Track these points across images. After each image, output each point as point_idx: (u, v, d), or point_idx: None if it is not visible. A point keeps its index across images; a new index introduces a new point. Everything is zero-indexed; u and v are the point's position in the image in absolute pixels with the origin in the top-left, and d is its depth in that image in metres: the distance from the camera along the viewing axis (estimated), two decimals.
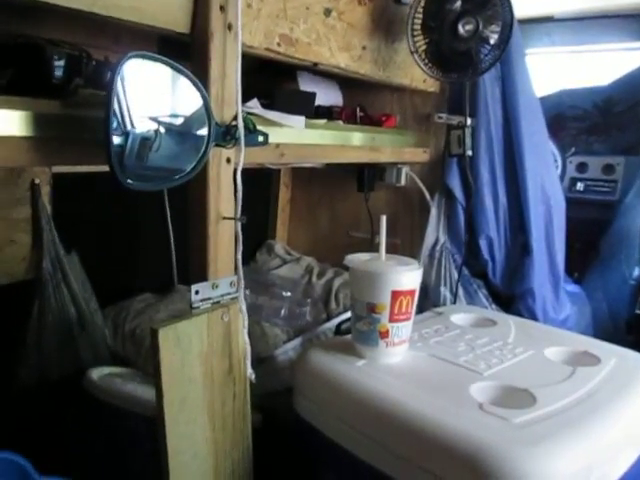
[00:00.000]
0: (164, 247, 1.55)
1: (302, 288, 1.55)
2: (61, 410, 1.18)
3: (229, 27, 0.84)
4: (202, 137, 0.78)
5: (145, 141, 0.71)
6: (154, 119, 0.72)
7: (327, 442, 0.93)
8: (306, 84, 1.40)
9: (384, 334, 0.93)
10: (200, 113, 0.78)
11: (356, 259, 0.96)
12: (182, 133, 0.77)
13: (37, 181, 1.31)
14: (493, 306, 1.54)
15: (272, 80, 1.32)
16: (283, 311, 1.38)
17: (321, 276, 1.64)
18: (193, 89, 0.76)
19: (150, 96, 0.72)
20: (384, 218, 0.96)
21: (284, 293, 1.44)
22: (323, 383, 0.96)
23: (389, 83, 1.35)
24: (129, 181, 0.67)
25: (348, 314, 1.38)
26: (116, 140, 0.66)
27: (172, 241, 1.55)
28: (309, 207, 1.89)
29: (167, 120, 0.74)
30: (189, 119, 0.77)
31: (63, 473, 1.01)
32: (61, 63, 0.80)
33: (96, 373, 1.19)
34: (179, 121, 0.76)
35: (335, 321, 1.33)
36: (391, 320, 0.92)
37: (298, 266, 1.70)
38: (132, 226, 1.54)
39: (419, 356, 0.98)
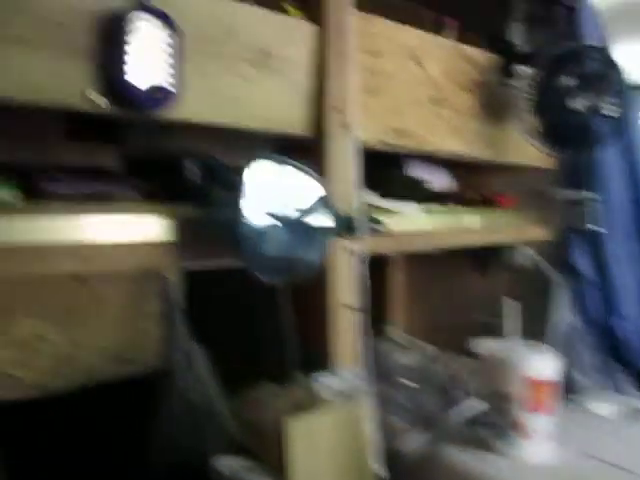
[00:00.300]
0: (282, 337, 1.59)
1: (423, 376, 1.49)
2: None
3: (346, 126, 0.89)
4: (325, 229, 0.81)
5: (273, 235, 0.75)
6: (280, 214, 0.76)
7: None
8: (415, 170, 1.42)
9: (519, 427, 0.87)
10: (322, 207, 0.81)
11: (483, 345, 0.92)
12: (305, 226, 0.81)
13: (168, 276, 1.41)
14: (636, 392, 1.38)
15: (381, 168, 1.36)
16: (406, 401, 1.32)
17: (442, 363, 1.57)
18: (314, 185, 0.81)
19: (276, 193, 0.77)
20: (509, 301, 0.92)
21: (405, 382, 1.39)
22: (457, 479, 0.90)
23: (501, 163, 1.34)
24: (261, 274, 0.71)
25: (477, 404, 1.31)
26: (248, 236, 0.71)
27: (289, 330, 1.59)
28: (425, 291, 1.86)
29: (292, 215, 0.78)
30: (311, 213, 0.81)
31: None
32: (196, 171, 0.89)
33: (222, 463, 1.20)
34: (302, 215, 0.80)
35: (463, 411, 1.25)
36: (526, 412, 0.86)
37: (417, 353, 1.64)
38: (251, 316, 1.60)
39: (562, 453, 0.89)
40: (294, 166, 0.77)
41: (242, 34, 0.81)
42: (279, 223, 0.75)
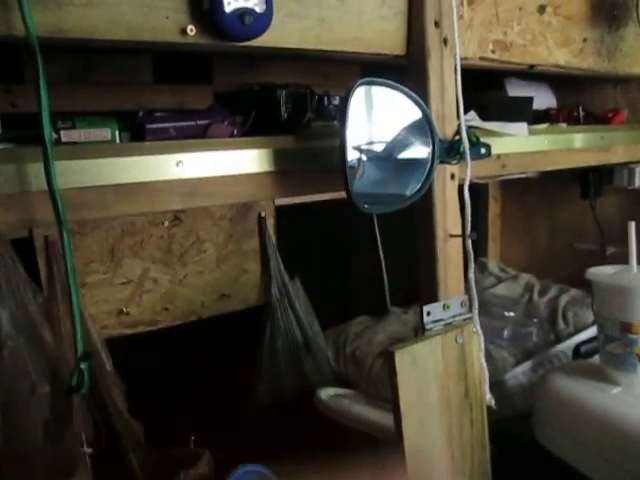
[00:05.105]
0: (375, 270, 1.59)
1: (523, 307, 1.44)
2: (296, 426, 1.25)
3: (445, 42, 0.82)
4: (427, 155, 0.76)
5: (375, 163, 0.72)
6: (382, 141, 0.73)
7: (574, 474, 0.85)
8: (515, 89, 1.32)
9: None
10: (423, 131, 0.77)
11: (601, 272, 0.85)
12: (406, 153, 0.77)
13: (263, 214, 1.43)
14: None
15: (478, 91, 1.28)
16: (506, 332, 1.29)
17: (543, 294, 1.51)
18: (415, 108, 0.76)
19: (376, 119, 0.73)
20: (632, 225, 0.84)
21: (505, 313, 1.35)
22: (570, 411, 0.87)
23: (615, 75, 1.20)
24: (365, 205, 0.68)
25: (585, 334, 1.25)
26: (350, 165, 0.68)
27: (383, 264, 1.58)
28: (523, 220, 1.77)
29: (394, 141, 0.74)
30: (413, 138, 0.77)
31: None
32: (288, 102, 0.86)
33: (324, 393, 1.24)
34: (404, 141, 0.76)
35: (570, 342, 1.21)
36: None
37: (516, 284, 1.59)
38: (345, 250, 1.60)
39: None
40: (399, 89, 0.72)
41: None
42: (384, 151, 0.71)
